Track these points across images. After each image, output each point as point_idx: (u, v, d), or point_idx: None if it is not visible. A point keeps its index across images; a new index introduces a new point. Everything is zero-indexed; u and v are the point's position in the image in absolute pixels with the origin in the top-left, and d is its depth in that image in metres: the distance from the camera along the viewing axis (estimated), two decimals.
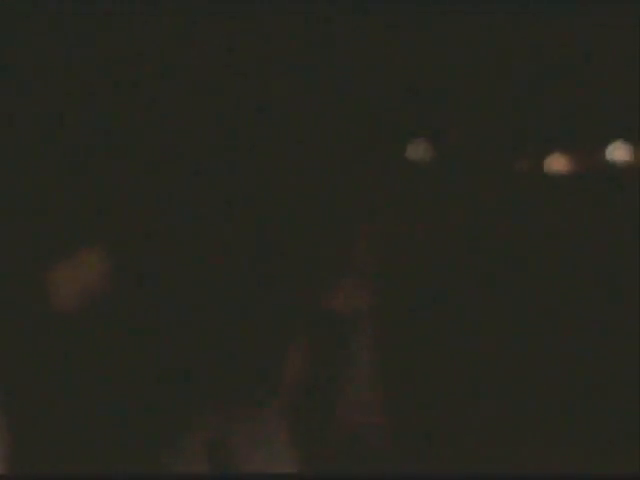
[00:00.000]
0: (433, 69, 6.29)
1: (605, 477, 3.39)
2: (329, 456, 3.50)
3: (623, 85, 6.11)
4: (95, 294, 2.41)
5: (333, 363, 3.59)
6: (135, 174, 2.71)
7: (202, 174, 2.46)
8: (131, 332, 2.33)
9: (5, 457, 2.32)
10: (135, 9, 3.85)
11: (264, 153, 2.80)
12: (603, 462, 3.60)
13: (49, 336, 2.35)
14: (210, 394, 2.34)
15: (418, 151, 7.71)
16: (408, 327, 4.77)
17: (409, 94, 5.80)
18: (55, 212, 2.57)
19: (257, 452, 2.35)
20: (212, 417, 2.33)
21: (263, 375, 2.40)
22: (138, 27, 3.83)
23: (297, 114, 3.85)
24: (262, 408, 2.38)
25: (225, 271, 2.34)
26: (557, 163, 8.86)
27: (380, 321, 3.72)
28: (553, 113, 7.34)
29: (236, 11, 3.82)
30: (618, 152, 8.45)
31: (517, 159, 8.60)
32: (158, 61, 3.78)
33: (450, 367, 4.76)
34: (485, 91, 6.58)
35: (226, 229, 2.39)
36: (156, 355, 2.32)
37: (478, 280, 5.93)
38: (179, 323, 2.33)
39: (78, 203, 2.60)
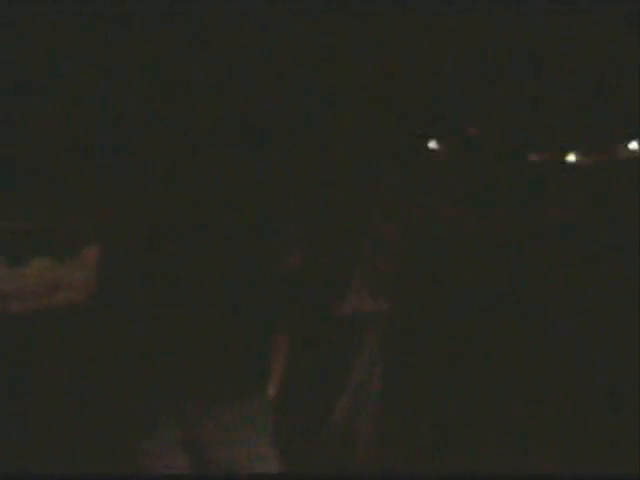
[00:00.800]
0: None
1: (605, 477, 3.39)
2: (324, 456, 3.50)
3: None
4: (83, 291, 2.37)
5: (337, 363, 3.56)
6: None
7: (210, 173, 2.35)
8: (115, 328, 2.26)
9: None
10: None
11: (284, 152, 2.71)
12: (603, 462, 3.60)
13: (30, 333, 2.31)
14: (194, 393, 2.25)
15: (436, 150, 7.66)
16: (419, 330, 4.74)
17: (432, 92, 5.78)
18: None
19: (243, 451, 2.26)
20: (193, 416, 2.25)
21: (252, 372, 2.31)
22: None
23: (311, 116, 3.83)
24: (248, 405, 2.29)
25: (223, 271, 2.26)
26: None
27: (390, 324, 3.66)
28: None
29: None
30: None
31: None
32: None
33: (461, 369, 4.75)
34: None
35: (235, 226, 2.28)
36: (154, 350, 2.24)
37: (498, 281, 5.89)
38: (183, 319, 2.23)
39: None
